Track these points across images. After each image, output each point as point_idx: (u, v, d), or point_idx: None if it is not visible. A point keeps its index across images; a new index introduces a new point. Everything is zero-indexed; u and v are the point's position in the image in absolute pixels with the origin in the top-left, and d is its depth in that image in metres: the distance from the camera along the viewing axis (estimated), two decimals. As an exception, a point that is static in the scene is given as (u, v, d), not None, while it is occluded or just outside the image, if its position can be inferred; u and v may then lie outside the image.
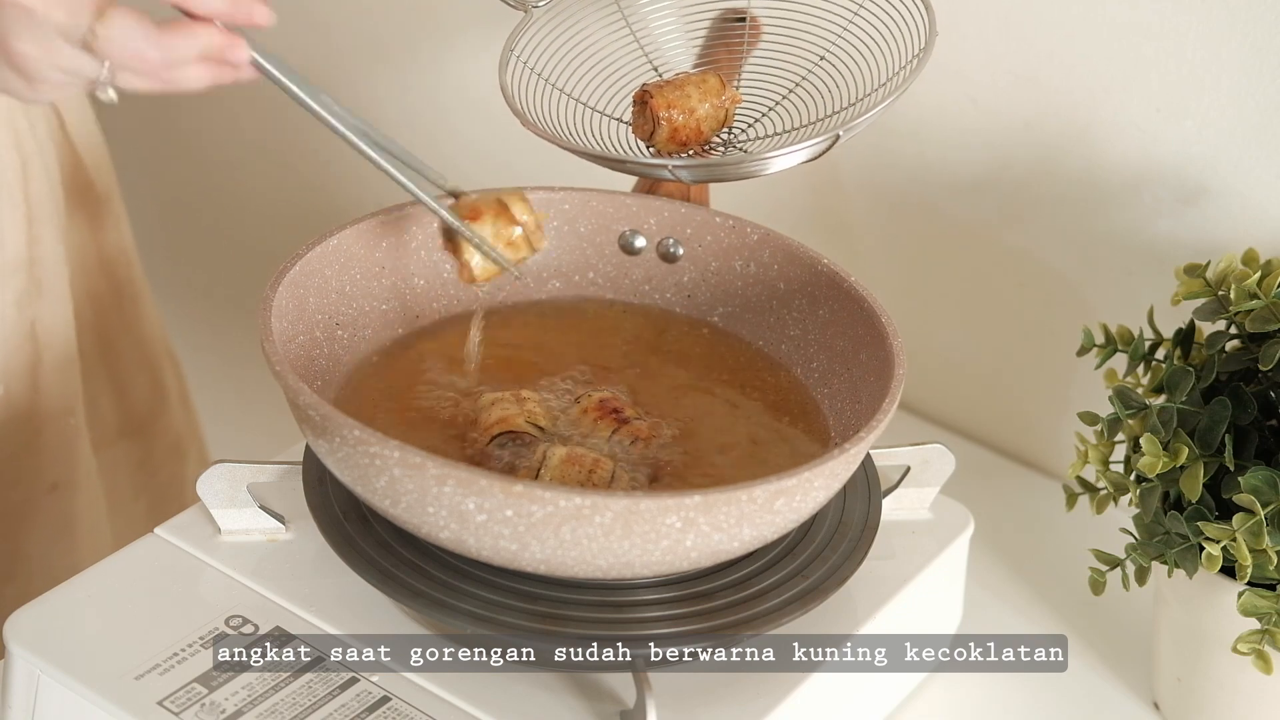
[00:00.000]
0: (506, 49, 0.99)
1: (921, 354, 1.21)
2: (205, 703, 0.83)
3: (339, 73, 1.49)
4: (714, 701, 0.86)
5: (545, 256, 1.03)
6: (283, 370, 0.85)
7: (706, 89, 0.94)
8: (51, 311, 1.16)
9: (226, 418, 1.58)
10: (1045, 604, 1.08)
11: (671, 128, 0.93)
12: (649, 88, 0.97)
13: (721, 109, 0.94)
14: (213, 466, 0.91)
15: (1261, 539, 0.88)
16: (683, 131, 0.93)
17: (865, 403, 0.93)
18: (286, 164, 1.59)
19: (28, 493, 1.18)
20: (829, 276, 0.98)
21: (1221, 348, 0.96)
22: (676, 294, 1.04)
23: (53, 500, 1.19)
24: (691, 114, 0.94)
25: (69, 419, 1.18)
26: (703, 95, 0.94)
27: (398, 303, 0.99)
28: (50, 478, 1.19)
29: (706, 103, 0.94)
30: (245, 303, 1.55)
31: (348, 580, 0.88)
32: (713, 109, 0.94)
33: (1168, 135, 1.08)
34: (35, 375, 1.16)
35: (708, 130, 0.94)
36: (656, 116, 0.93)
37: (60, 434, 1.18)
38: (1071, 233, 1.15)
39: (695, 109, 0.94)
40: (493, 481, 0.78)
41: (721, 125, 0.96)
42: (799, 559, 0.90)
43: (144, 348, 1.30)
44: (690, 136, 0.94)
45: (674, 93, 0.94)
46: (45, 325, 1.15)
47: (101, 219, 1.24)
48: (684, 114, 0.93)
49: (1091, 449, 0.98)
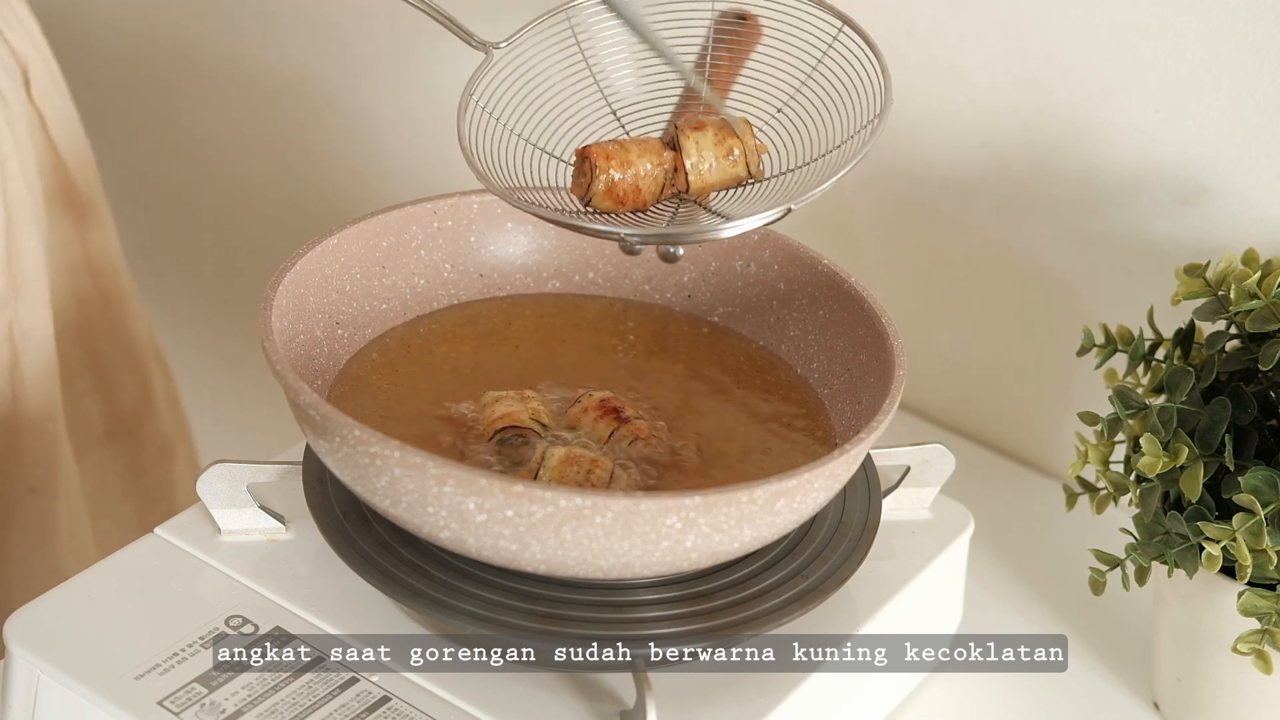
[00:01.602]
0: (466, 94, 0.98)
1: (921, 354, 1.21)
2: (205, 703, 0.83)
3: (338, 73, 1.49)
4: (714, 701, 0.86)
5: (545, 256, 1.03)
6: (283, 369, 0.85)
7: (646, 147, 0.93)
8: (30, 314, 1.15)
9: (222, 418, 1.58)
10: (1045, 604, 1.08)
11: (609, 183, 0.92)
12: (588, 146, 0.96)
13: (660, 168, 0.94)
14: (213, 466, 0.91)
15: (1261, 539, 0.88)
16: (619, 187, 0.92)
17: (865, 403, 0.93)
18: (287, 163, 1.59)
19: (6, 495, 1.18)
20: (829, 276, 0.98)
21: (1221, 348, 0.96)
22: (676, 294, 1.04)
23: (31, 503, 1.19)
24: (629, 168, 0.92)
25: (48, 422, 1.18)
26: (641, 153, 0.93)
27: (398, 302, 0.99)
28: (29, 481, 1.18)
29: (646, 160, 0.93)
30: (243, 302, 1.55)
31: (348, 580, 0.88)
32: (653, 168, 0.93)
33: (1167, 136, 1.08)
34: (13, 378, 1.15)
35: (646, 189, 0.93)
36: (594, 167, 0.92)
37: (39, 437, 1.18)
38: (1071, 233, 1.15)
39: (634, 164, 0.93)
40: (493, 481, 0.78)
41: (663, 188, 0.95)
42: (799, 559, 0.90)
43: (131, 350, 1.30)
44: (628, 193, 0.93)
45: (614, 148, 0.93)
46: (23, 328, 1.15)
47: (86, 222, 1.24)
48: (622, 170, 0.92)
49: (1091, 449, 0.98)
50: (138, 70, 1.65)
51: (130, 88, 1.67)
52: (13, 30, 1.16)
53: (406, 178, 1.50)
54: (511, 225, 1.02)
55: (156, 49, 1.63)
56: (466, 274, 1.02)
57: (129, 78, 1.66)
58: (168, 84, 1.65)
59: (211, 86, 1.61)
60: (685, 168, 0.92)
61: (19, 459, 1.18)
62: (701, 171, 0.93)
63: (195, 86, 1.62)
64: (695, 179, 0.93)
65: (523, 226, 1.03)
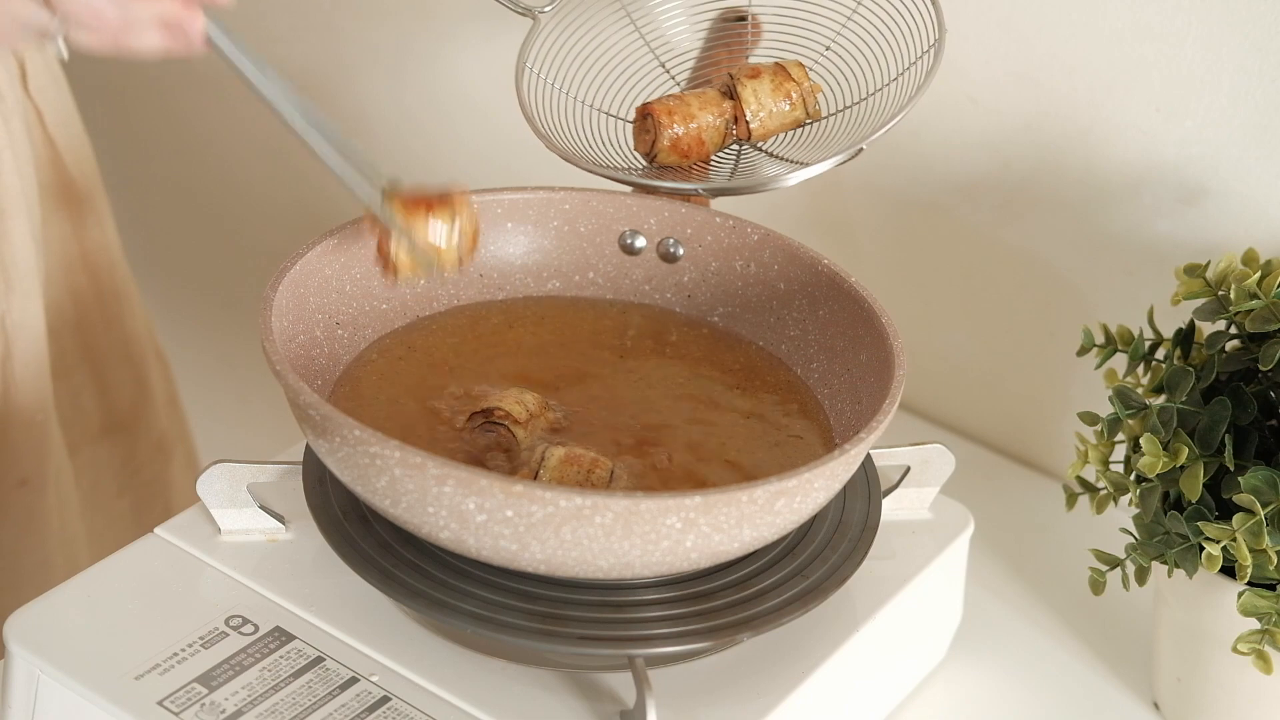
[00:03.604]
0: (520, 62, 0.98)
1: (921, 354, 1.21)
2: (205, 703, 0.83)
3: (337, 73, 1.49)
4: (714, 701, 0.86)
5: (545, 256, 1.03)
6: (283, 369, 0.85)
7: (706, 100, 0.94)
8: (22, 307, 1.16)
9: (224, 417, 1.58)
10: (1045, 604, 1.08)
11: (673, 138, 0.94)
12: (649, 103, 0.97)
13: (722, 118, 0.95)
14: (213, 466, 0.91)
15: (1261, 539, 0.88)
16: (683, 142, 0.94)
17: (865, 403, 0.93)
18: (287, 162, 1.59)
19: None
20: (829, 276, 0.98)
21: (1221, 348, 0.96)
22: (676, 294, 1.04)
23: (21, 495, 1.19)
24: (692, 121, 0.94)
25: (39, 415, 1.18)
26: (702, 105, 0.94)
27: (398, 302, 0.99)
28: (19, 473, 1.19)
29: (707, 113, 0.94)
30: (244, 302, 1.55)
31: (348, 580, 0.88)
32: (714, 119, 0.94)
33: (1168, 136, 1.08)
34: (3, 370, 1.16)
35: (709, 141, 0.94)
36: (658, 124, 0.93)
37: (30, 429, 1.18)
38: (1071, 233, 1.15)
39: (696, 116, 0.94)
40: (493, 481, 0.78)
41: (725, 139, 0.96)
42: (799, 559, 0.90)
43: (128, 346, 1.30)
44: (691, 146, 0.94)
45: (675, 103, 0.94)
46: (15, 320, 1.15)
47: (83, 216, 1.24)
48: (684, 124, 0.94)
49: (1091, 449, 0.98)
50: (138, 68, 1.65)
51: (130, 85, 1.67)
52: None
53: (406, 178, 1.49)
54: (511, 225, 1.02)
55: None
56: (466, 274, 1.02)
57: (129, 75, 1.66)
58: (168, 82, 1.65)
59: (212, 84, 1.61)
60: (745, 116, 0.93)
61: (9, 451, 1.18)
62: (762, 118, 0.94)
63: (195, 84, 1.62)
64: (756, 126, 0.94)
65: (523, 226, 1.03)
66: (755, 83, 0.93)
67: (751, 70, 0.94)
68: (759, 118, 0.93)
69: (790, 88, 0.94)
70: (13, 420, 1.17)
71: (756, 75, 0.94)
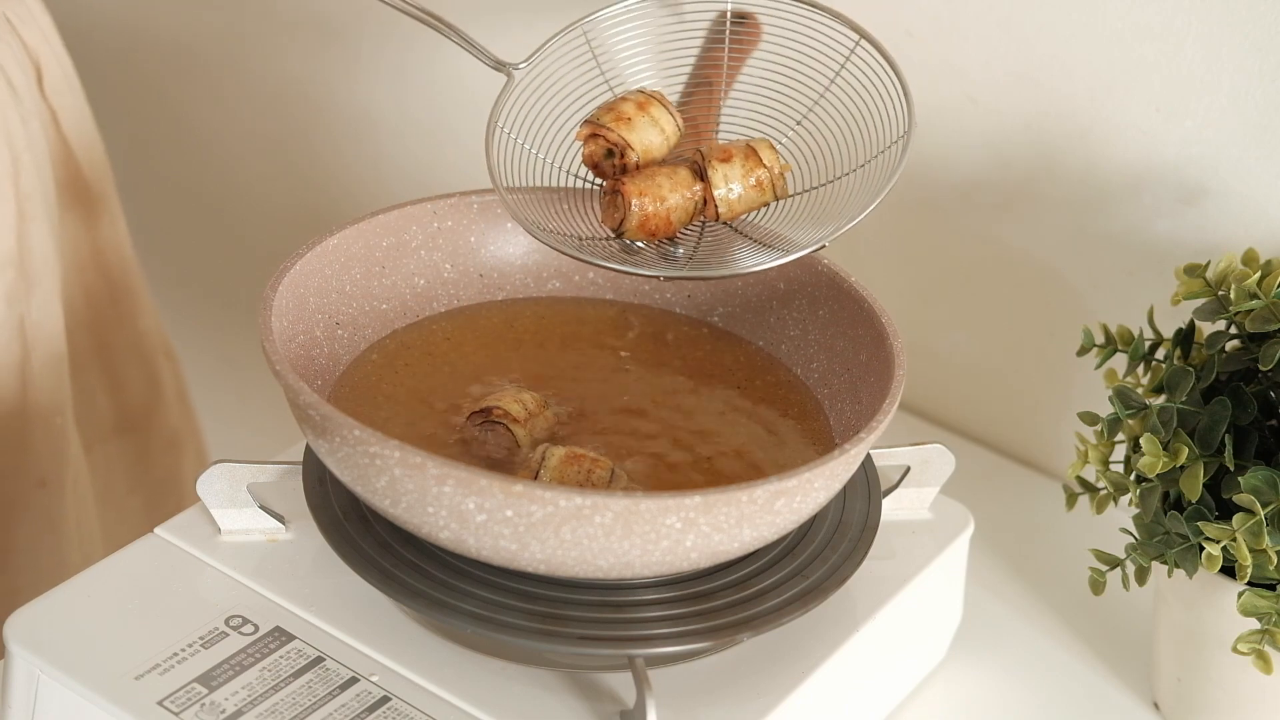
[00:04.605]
0: (491, 121, 0.98)
1: (921, 354, 1.21)
2: (205, 703, 0.83)
3: (339, 73, 1.49)
4: (714, 701, 0.86)
5: (545, 257, 1.03)
6: (283, 369, 0.85)
7: (677, 180, 0.96)
8: (41, 308, 1.16)
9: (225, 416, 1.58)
10: (1045, 604, 1.08)
11: (642, 215, 0.95)
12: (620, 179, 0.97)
13: (691, 201, 0.96)
14: (212, 466, 0.91)
15: (1261, 539, 0.88)
16: (651, 221, 0.95)
17: (865, 403, 0.93)
18: (288, 162, 1.60)
19: (15, 489, 1.18)
20: (829, 276, 0.98)
21: (1221, 348, 0.96)
22: (676, 294, 1.04)
23: (41, 496, 1.19)
24: (662, 203, 0.95)
25: (57, 416, 1.19)
26: (674, 186, 0.96)
27: (398, 303, 1.00)
28: (38, 474, 1.19)
29: (677, 194, 0.96)
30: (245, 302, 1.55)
31: (348, 580, 0.88)
32: (683, 200, 0.96)
33: (1168, 136, 1.08)
34: (24, 371, 1.16)
35: (676, 222, 0.96)
36: (627, 204, 0.95)
37: (49, 431, 1.19)
38: (1072, 232, 1.15)
39: (666, 199, 0.95)
40: (493, 481, 0.78)
41: (692, 217, 0.97)
42: (799, 559, 0.90)
43: (140, 344, 1.30)
44: (659, 226, 0.96)
45: (646, 183, 0.95)
46: (34, 321, 1.16)
47: (96, 216, 1.25)
48: (655, 204, 0.95)
49: (1091, 449, 0.98)
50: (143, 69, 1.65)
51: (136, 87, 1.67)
52: (26, 27, 1.17)
53: (406, 178, 1.50)
54: (512, 225, 1.02)
55: (161, 48, 1.63)
56: (466, 274, 1.02)
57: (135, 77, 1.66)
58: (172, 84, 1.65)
59: (215, 86, 1.61)
60: (714, 199, 0.95)
61: (28, 453, 1.18)
62: (730, 202, 0.97)
63: (199, 86, 1.62)
64: (724, 209, 0.97)
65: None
66: (726, 167, 0.96)
67: (723, 153, 0.96)
68: (728, 201, 0.96)
69: (760, 173, 0.96)
70: (33, 421, 1.17)
71: (728, 159, 0.96)
